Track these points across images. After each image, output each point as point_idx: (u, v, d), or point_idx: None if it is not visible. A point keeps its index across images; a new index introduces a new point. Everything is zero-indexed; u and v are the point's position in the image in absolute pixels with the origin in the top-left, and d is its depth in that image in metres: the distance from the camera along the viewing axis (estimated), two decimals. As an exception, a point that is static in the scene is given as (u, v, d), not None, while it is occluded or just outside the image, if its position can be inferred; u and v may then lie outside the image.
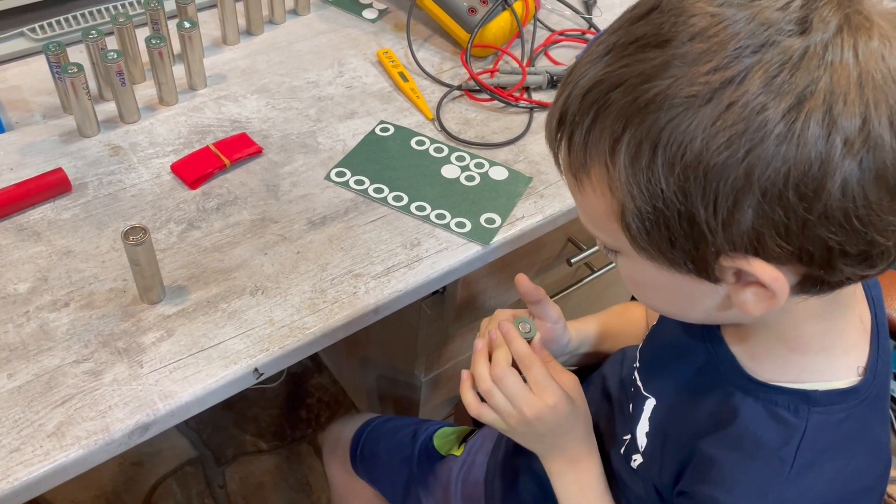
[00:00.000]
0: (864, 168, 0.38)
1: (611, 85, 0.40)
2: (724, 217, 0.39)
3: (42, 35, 0.87)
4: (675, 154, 0.39)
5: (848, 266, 0.41)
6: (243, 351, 0.62)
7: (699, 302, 0.48)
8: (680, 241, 0.42)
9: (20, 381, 0.58)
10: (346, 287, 0.68)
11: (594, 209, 0.45)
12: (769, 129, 0.37)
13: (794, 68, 0.37)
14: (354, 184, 0.77)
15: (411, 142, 0.82)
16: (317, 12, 0.99)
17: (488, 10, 0.91)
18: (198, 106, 0.84)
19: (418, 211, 0.75)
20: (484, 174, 0.79)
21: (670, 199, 0.40)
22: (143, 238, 0.60)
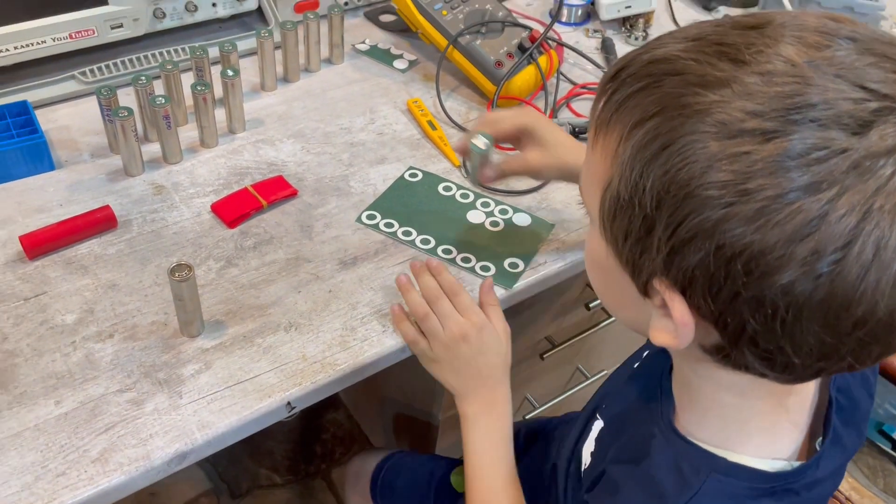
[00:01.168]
0: (818, 287, 0.38)
1: (672, 69, 0.41)
2: (675, 244, 0.40)
3: (91, 78, 0.92)
4: (674, 164, 0.39)
5: (751, 356, 0.42)
6: (277, 385, 0.65)
7: (627, 305, 0.49)
8: (631, 240, 0.43)
9: (67, 409, 0.61)
10: (376, 326, 0.71)
11: (593, 169, 0.47)
12: (760, 196, 0.37)
13: (822, 160, 0.37)
14: (384, 226, 0.80)
15: (439, 187, 0.86)
16: (350, 62, 1.04)
17: (514, 63, 0.95)
18: (237, 149, 0.88)
19: (445, 254, 0.78)
20: (508, 220, 0.83)
21: (646, 199, 0.40)
22: (188, 275, 0.63)
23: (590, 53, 1.08)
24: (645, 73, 0.42)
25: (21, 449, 0.58)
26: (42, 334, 0.66)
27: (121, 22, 0.93)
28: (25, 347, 0.65)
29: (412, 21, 1.00)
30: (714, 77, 0.39)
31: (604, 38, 1.11)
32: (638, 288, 0.45)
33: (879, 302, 0.38)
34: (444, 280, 0.71)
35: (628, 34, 1.12)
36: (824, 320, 0.39)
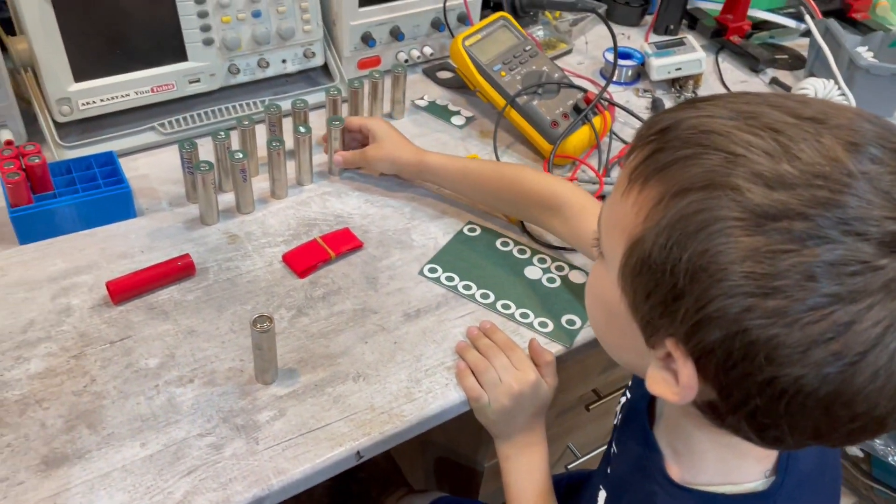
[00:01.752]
0: (828, 382, 0.40)
1: (723, 146, 0.42)
2: (700, 319, 0.41)
3: (170, 130, 0.97)
4: (713, 245, 0.40)
5: (746, 425, 0.45)
6: (347, 434, 0.68)
7: (628, 350, 0.52)
8: (652, 301, 0.44)
9: (152, 451, 0.65)
10: (439, 378, 0.74)
11: (621, 216, 0.47)
12: (790, 296, 0.39)
13: (855, 274, 0.38)
14: (445, 280, 0.84)
15: (497, 242, 0.89)
16: (410, 117, 1.08)
17: (570, 124, 0.99)
18: (305, 200, 0.92)
19: (504, 309, 0.81)
20: (564, 277, 0.86)
21: (679, 270, 0.42)
22: (269, 326, 0.67)
23: (640, 113, 1.11)
24: (695, 141, 0.43)
25: (110, 489, 0.62)
26: (127, 377, 0.70)
27: (198, 77, 0.98)
28: (112, 390, 0.69)
29: (471, 80, 1.04)
30: (763, 167, 0.40)
31: (654, 98, 1.14)
32: (645, 340, 0.47)
33: (880, 403, 0.41)
34: (498, 338, 0.76)
35: (678, 94, 1.15)
36: (826, 411, 0.41)
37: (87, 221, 0.83)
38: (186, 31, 0.95)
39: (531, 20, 1.27)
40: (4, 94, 0.87)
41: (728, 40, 1.26)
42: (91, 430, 0.66)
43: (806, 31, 1.26)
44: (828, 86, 1.11)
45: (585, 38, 1.29)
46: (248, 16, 0.97)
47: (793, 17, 1.31)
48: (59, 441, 0.65)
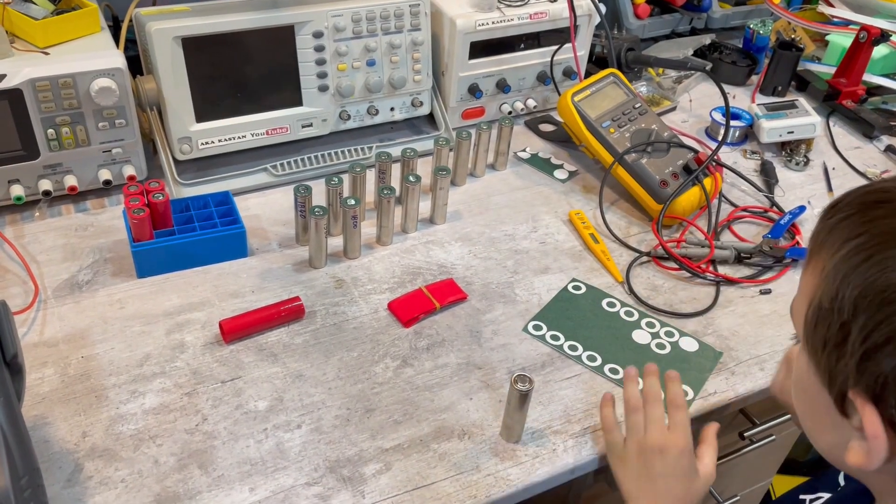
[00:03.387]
0: None
1: (885, 198, 0.46)
2: (868, 348, 0.43)
3: (282, 172, 0.99)
4: (873, 273, 0.43)
5: None
6: (453, 495, 0.66)
7: (827, 428, 0.50)
8: (829, 348, 0.46)
9: (260, 497, 0.65)
10: (546, 443, 0.71)
11: (804, 289, 0.50)
12: None
13: None
14: (550, 339, 0.82)
15: (602, 302, 0.87)
16: (512, 169, 1.08)
17: (680, 184, 0.97)
18: (409, 248, 0.93)
19: (612, 374, 0.79)
20: (674, 344, 0.83)
21: (844, 305, 0.44)
22: (529, 387, 0.67)
23: (749, 175, 1.08)
24: (858, 202, 0.47)
25: (219, 533, 0.62)
26: (237, 418, 0.71)
27: (311, 121, 1.01)
28: (223, 430, 0.70)
29: (578, 136, 1.04)
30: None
31: (763, 160, 1.11)
32: (835, 402, 0.47)
33: None
34: (671, 389, 0.71)
35: (788, 158, 1.12)
36: None
37: (202, 259, 0.85)
38: (304, 77, 0.97)
39: (634, 76, 1.26)
40: (132, 132, 0.91)
41: (840, 104, 1.23)
42: (202, 470, 0.66)
43: (924, 98, 1.21)
44: (951, 156, 1.06)
45: (689, 95, 1.27)
46: (362, 65, 1.00)
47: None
48: (171, 480, 0.65)
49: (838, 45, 1.31)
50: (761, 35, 1.31)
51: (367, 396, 0.74)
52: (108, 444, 0.67)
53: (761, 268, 0.93)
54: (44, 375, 0.73)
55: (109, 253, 0.87)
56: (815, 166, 1.13)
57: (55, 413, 0.70)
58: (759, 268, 0.93)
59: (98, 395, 0.71)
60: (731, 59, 1.32)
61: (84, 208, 0.94)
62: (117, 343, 0.77)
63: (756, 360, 0.82)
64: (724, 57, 1.32)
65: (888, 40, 1.22)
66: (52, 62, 0.84)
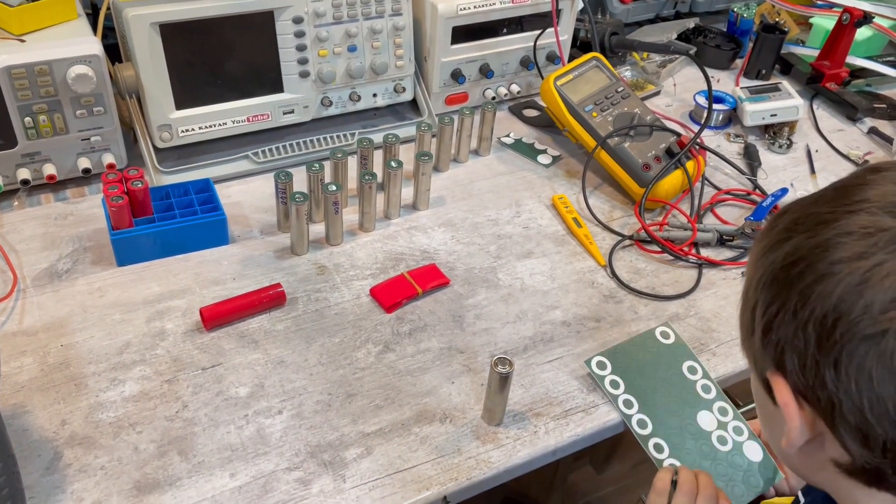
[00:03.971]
0: (882, 345, 0.40)
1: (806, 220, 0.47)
2: (764, 323, 0.46)
3: (263, 159, 0.99)
4: (769, 257, 0.47)
5: (853, 442, 0.43)
6: (434, 478, 0.66)
7: (777, 428, 0.50)
8: (745, 331, 0.49)
9: (241, 482, 0.64)
10: (528, 425, 0.72)
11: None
12: (821, 266, 0.43)
13: (888, 242, 0.42)
14: (609, 384, 0.74)
15: (684, 365, 0.76)
16: (496, 154, 1.08)
17: (662, 167, 0.97)
18: (391, 234, 0.92)
19: (656, 451, 0.70)
20: (739, 444, 0.72)
21: (749, 292, 0.48)
22: (510, 370, 0.67)
23: (732, 158, 1.08)
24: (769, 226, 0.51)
25: (199, 519, 0.62)
26: (218, 405, 0.71)
27: (293, 108, 1.00)
28: (203, 417, 0.69)
29: (561, 120, 1.03)
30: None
31: (746, 143, 1.11)
32: (768, 395, 0.48)
33: None
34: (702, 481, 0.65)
35: (772, 141, 1.12)
36: None
37: (182, 247, 0.85)
38: (285, 63, 0.97)
39: (619, 61, 1.25)
40: (110, 119, 0.90)
41: (824, 87, 1.23)
42: (182, 457, 0.66)
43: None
44: (933, 137, 1.06)
45: (674, 79, 1.27)
46: (344, 50, 0.99)
47: (892, 65, 1.27)
48: (151, 466, 0.65)
49: (822, 28, 1.31)
50: (745, 18, 1.31)
51: (348, 382, 0.74)
52: (88, 432, 0.67)
53: (743, 250, 0.93)
54: (23, 364, 0.72)
55: (89, 241, 0.87)
56: (799, 149, 1.13)
57: (34, 402, 0.69)
58: (742, 250, 0.93)
59: (77, 384, 0.71)
60: (715, 42, 1.32)
61: (63, 197, 0.93)
62: (97, 331, 0.76)
63: (737, 341, 0.81)
64: (708, 41, 1.32)
65: (871, 22, 1.22)
66: (27, 49, 0.84)
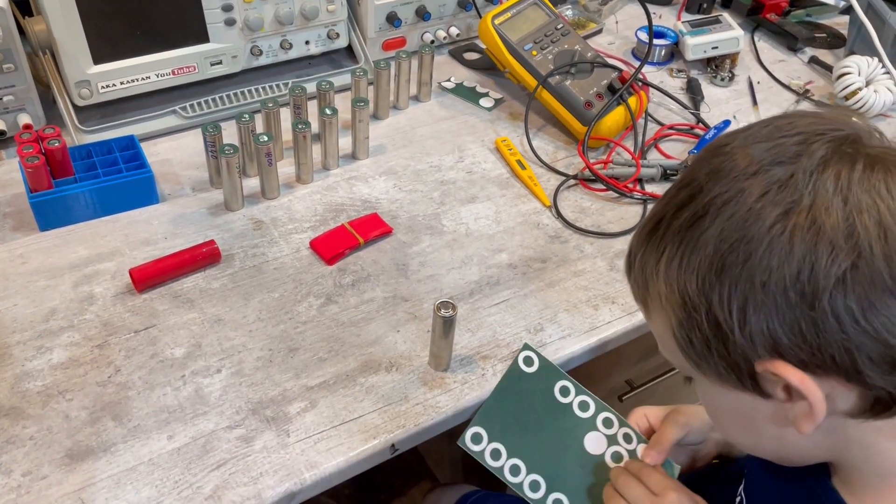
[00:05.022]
0: (859, 273, 0.41)
1: (655, 219, 0.49)
2: (738, 317, 0.43)
3: (192, 113, 0.94)
4: (694, 261, 0.45)
5: (878, 373, 0.42)
6: (381, 426, 0.65)
7: (760, 424, 0.49)
8: (713, 345, 0.45)
9: (179, 444, 0.62)
10: (475, 368, 0.71)
11: (659, 331, 0.50)
12: (761, 237, 0.42)
13: (782, 188, 0.43)
14: (490, 456, 0.66)
15: (555, 389, 0.69)
16: (437, 99, 1.05)
17: (604, 104, 0.96)
18: (331, 185, 0.89)
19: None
20: (632, 452, 0.68)
21: (696, 302, 0.45)
22: (453, 313, 0.65)
23: (675, 93, 1.07)
24: (642, 238, 0.50)
25: (137, 483, 0.59)
26: (153, 367, 0.68)
27: (220, 59, 0.95)
28: (137, 380, 0.67)
29: (501, 61, 1.01)
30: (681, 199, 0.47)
31: (689, 78, 1.10)
32: (756, 391, 0.46)
33: None
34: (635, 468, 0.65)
35: (714, 75, 1.11)
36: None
37: (108, 207, 0.81)
38: (208, 11, 0.92)
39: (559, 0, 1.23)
40: (23, 77, 0.84)
41: (764, 18, 1.22)
42: (116, 422, 0.63)
43: (846, 8, 1.21)
44: (871, 64, 1.06)
45: (615, 17, 1.25)
46: (270, -5, 0.94)
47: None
48: (83, 434, 0.62)
49: (762, -40, 1.29)
50: (686, -48, 1.29)
51: (290, 336, 0.72)
52: (14, 403, 0.64)
53: (688, 184, 0.92)
54: (-59, 338, 0.69)
55: (8, 207, 0.82)
56: (741, 81, 1.13)
57: (-45, 375, 0.66)
58: (686, 184, 0.93)
59: (1, 354, 0.68)
60: (657, -22, 1.30)
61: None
62: (20, 299, 0.72)
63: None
64: (650, -23, 1.30)
65: (810, -49, 1.21)
66: (-78, 3, 0.78)
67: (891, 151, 0.44)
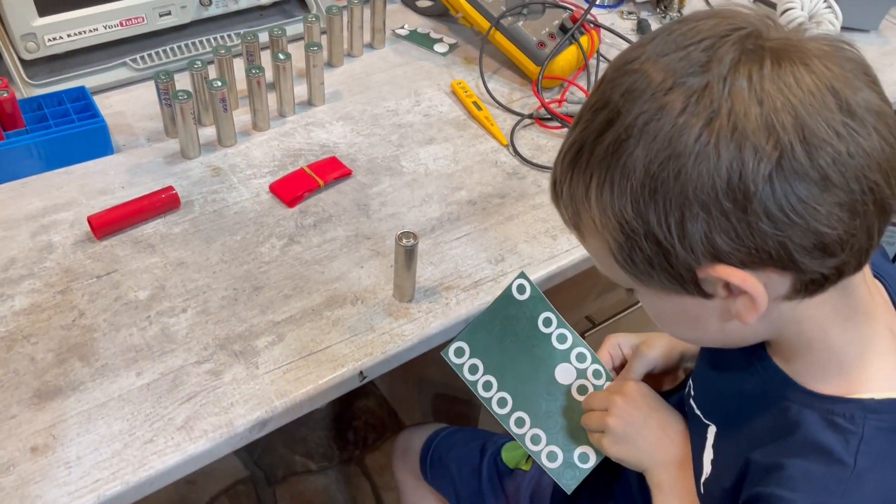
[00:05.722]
0: (784, 169, 0.42)
1: (576, 146, 0.49)
2: (677, 231, 0.45)
3: (142, 65, 0.93)
4: (625, 185, 0.45)
5: (810, 259, 0.45)
6: (349, 355, 0.66)
7: (705, 321, 0.52)
8: (656, 260, 0.47)
9: (148, 380, 0.63)
10: (439, 298, 0.72)
11: (596, 253, 0.52)
12: (689, 151, 0.43)
13: (700, 98, 0.43)
14: (468, 370, 0.69)
15: (539, 319, 0.71)
16: (391, 46, 1.05)
17: (556, 44, 0.97)
18: (288, 131, 0.89)
19: (517, 426, 0.70)
20: (598, 388, 0.71)
21: (634, 225, 0.46)
22: (414, 242, 0.67)
23: (626, 34, 1.09)
24: (565, 166, 0.50)
25: (108, 418, 0.60)
26: (117, 310, 0.68)
27: (169, 9, 0.94)
28: (102, 322, 0.67)
29: (453, 4, 1.01)
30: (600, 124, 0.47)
31: (639, 19, 1.12)
32: (700, 294, 0.49)
33: None
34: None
35: (663, 15, 1.13)
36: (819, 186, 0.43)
37: (62, 159, 0.80)
38: (154, -41, 0.90)
39: (510, -53, 1.23)
40: (-35, 30, 0.82)
41: (711, -40, 1.24)
42: (83, 362, 0.64)
43: (789, -52, 1.23)
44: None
45: (566, -37, 1.26)
46: (217, -58, 0.93)
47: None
48: (50, 374, 0.62)
49: None
50: None
51: (254, 276, 0.72)
52: (-22, 349, 0.64)
53: (640, 119, 0.95)
54: None
55: (-42, 163, 0.81)
56: (690, 22, 1.15)
57: (-86, 326, 0.65)
58: (639, 120, 0.95)
59: (-39, 304, 0.67)
60: (606, -76, 1.30)
61: (-76, 121, 0.86)
62: (-23, 251, 0.72)
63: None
64: (599, -77, 1.31)
65: None
66: None
67: (790, 41, 0.45)
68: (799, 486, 0.50)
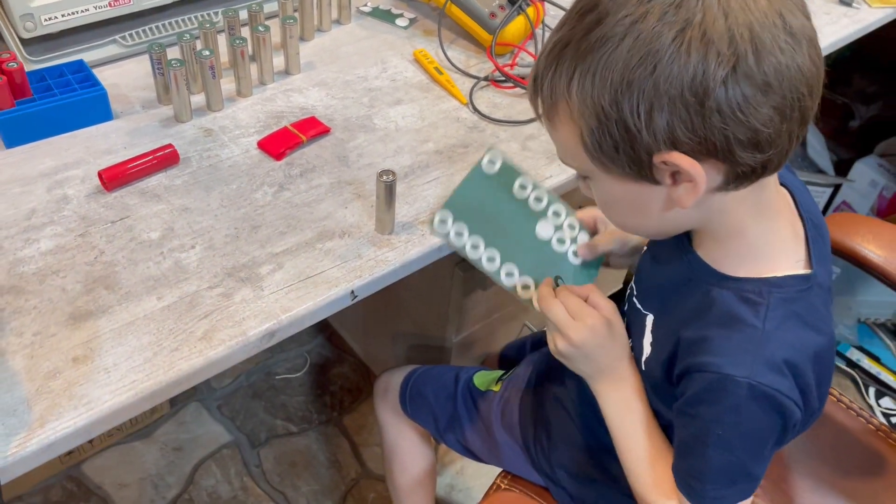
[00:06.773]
0: (738, 73, 0.52)
1: (562, 43, 0.57)
2: (645, 119, 0.54)
3: (132, 42, 1.02)
4: (607, 78, 0.54)
5: (744, 152, 0.54)
6: (341, 278, 0.77)
7: (649, 208, 0.61)
8: (621, 146, 0.56)
9: (168, 302, 0.72)
10: (416, 231, 0.83)
11: (565, 141, 0.60)
12: (664, 52, 0.52)
13: (678, 8, 0.52)
14: (454, 236, 0.77)
15: (514, 185, 0.80)
16: (357, 22, 1.15)
17: (506, 14, 1.08)
18: (269, 97, 0.99)
19: (507, 278, 0.78)
20: (574, 238, 0.82)
21: (608, 111, 0.55)
22: (393, 178, 0.77)
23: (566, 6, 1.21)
24: (549, 61, 0.58)
25: (137, 333, 0.69)
26: (133, 248, 0.77)
27: (153, -9, 1.02)
28: (122, 258, 0.76)
29: (412, -18, 1.12)
30: (587, 24, 0.55)
31: (579, -7, 1.24)
32: (650, 180, 0.58)
33: None
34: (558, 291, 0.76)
35: (600, -11, 1.25)
36: (760, 90, 0.53)
37: (67, 124, 0.88)
38: (138, -56, 0.99)
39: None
40: (-33, 11, 0.90)
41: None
42: (109, 290, 0.73)
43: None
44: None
45: (511, -54, 1.37)
46: (195, -72, 1.02)
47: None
48: (81, 301, 0.71)
49: None
50: None
51: (251, 217, 0.82)
52: (14, 283, 0.72)
53: (583, 79, 1.07)
54: (-69, 240, 0.75)
55: (-30, 131, 0.88)
56: (624, -5, 1.27)
57: (-48, 268, 0.73)
58: (582, 79, 1.07)
59: (-8, 248, 0.75)
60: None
61: (-69, 97, 0.93)
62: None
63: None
64: None
65: None
66: None
67: None
68: (721, 351, 0.63)
